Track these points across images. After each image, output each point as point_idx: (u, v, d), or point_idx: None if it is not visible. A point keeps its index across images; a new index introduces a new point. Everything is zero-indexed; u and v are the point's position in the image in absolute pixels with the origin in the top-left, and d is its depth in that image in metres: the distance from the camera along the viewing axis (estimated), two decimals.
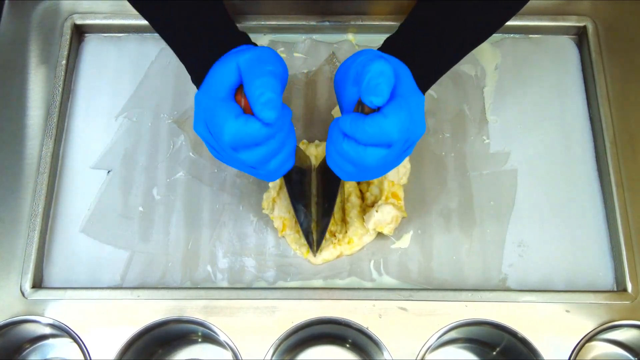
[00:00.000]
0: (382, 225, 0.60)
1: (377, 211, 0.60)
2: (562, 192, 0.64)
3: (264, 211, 0.62)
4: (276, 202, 0.61)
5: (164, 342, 0.61)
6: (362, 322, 0.57)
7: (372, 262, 0.61)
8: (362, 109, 0.45)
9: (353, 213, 0.61)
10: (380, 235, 0.62)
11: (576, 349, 0.56)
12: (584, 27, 0.69)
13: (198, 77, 0.48)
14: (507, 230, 0.62)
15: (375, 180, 0.62)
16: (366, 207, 0.62)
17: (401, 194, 0.62)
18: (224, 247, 0.62)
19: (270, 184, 0.63)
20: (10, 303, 0.59)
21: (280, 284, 0.61)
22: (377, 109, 0.43)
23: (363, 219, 0.61)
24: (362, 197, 0.63)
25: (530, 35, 0.70)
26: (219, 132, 0.43)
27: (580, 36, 0.70)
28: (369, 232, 0.61)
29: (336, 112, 0.66)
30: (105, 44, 0.71)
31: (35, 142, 0.65)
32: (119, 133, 0.66)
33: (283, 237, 0.62)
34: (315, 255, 0.61)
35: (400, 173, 0.63)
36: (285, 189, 0.61)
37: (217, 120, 0.43)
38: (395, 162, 0.47)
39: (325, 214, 0.58)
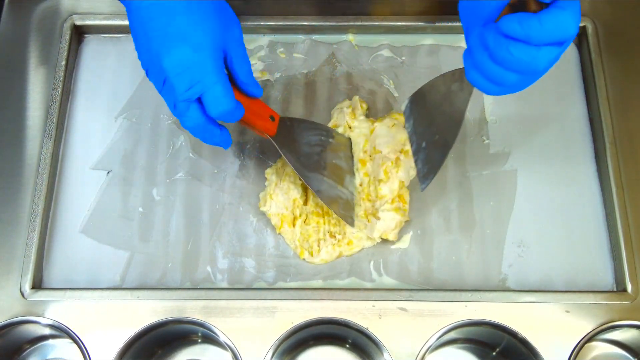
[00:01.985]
0: (387, 232, 0.60)
1: (379, 219, 0.60)
2: (562, 192, 0.64)
3: (261, 209, 0.62)
4: (272, 199, 0.61)
5: (164, 343, 0.61)
6: (361, 323, 0.57)
7: (372, 262, 0.61)
8: (518, 10, 0.42)
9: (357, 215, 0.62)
10: None
11: (576, 349, 0.56)
12: (584, 28, 0.69)
13: None
14: (506, 231, 0.62)
15: (387, 180, 0.62)
16: (374, 210, 0.61)
17: (407, 197, 0.62)
18: (224, 248, 0.62)
19: (267, 182, 0.63)
20: (10, 304, 0.59)
21: (280, 284, 0.61)
22: (544, 5, 0.41)
23: (368, 219, 0.61)
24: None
25: None
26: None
27: (579, 37, 0.70)
28: (371, 240, 0.61)
29: (336, 111, 0.66)
30: (105, 44, 0.71)
31: (34, 143, 0.65)
32: (118, 134, 0.66)
33: (280, 234, 0.62)
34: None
35: (410, 175, 0.62)
36: (281, 185, 0.61)
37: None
38: (552, 65, 0.44)
39: (442, 151, 0.55)
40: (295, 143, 0.59)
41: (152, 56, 0.49)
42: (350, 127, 0.64)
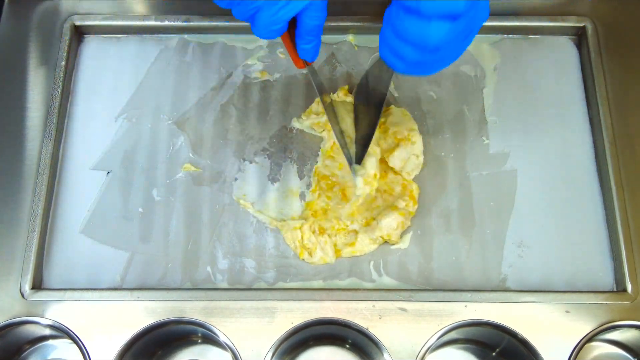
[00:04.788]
0: (390, 233, 0.60)
1: (380, 222, 0.60)
2: (561, 192, 0.64)
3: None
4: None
5: (164, 343, 0.61)
6: (361, 323, 0.57)
7: (372, 262, 0.62)
8: None
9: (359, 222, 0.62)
10: None
11: (576, 350, 0.56)
12: (584, 28, 0.69)
13: None
14: (506, 231, 0.62)
15: (400, 178, 0.62)
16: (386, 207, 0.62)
17: (416, 193, 0.62)
18: (224, 248, 0.62)
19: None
20: (10, 304, 0.59)
21: (280, 284, 0.61)
22: None
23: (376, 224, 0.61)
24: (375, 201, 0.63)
25: (530, 36, 0.70)
26: None
27: (579, 37, 0.70)
28: (374, 242, 0.61)
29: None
30: (105, 45, 0.71)
31: (34, 143, 0.65)
32: (118, 134, 0.66)
33: (277, 227, 0.62)
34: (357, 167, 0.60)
35: (413, 168, 0.63)
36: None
37: None
38: (456, 48, 0.45)
39: (364, 141, 0.57)
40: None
41: None
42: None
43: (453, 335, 0.59)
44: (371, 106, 0.60)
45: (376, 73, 0.59)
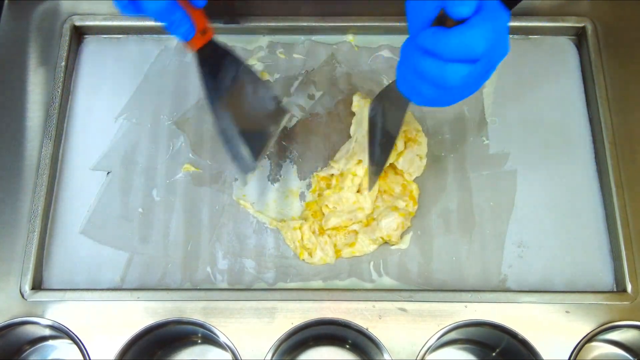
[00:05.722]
0: (390, 233, 0.60)
1: (380, 222, 0.60)
2: (561, 192, 0.64)
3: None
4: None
5: (164, 344, 0.61)
6: (361, 323, 0.57)
7: (372, 263, 0.61)
8: (442, 23, 0.42)
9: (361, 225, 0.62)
10: None
11: (576, 350, 0.57)
12: (583, 28, 0.69)
13: None
14: (506, 231, 0.62)
15: (400, 178, 0.62)
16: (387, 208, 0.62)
17: (416, 193, 0.62)
18: (224, 248, 0.62)
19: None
20: (9, 304, 0.59)
21: (280, 285, 0.61)
22: (461, 22, 0.41)
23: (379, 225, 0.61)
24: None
25: (530, 36, 0.70)
26: None
27: (579, 37, 0.70)
28: (374, 243, 0.61)
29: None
30: (105, 45, 0.71)
31: (34, 144, 0.65)
32: (118, 134, 0.66)
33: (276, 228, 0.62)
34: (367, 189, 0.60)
35: (416, 169, 0.63)
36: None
37: None
38: (475, 85, 0.45)
39: (384, 150, 0.56)
40: (218, 72, 0.56)
41: None
42: None
43: (453, 335, 0.59)
44: (386, 138, 0.57)
45: (394, 97, 0.55)
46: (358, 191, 0.62)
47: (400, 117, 0.55)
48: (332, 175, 0.63)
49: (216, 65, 0.56)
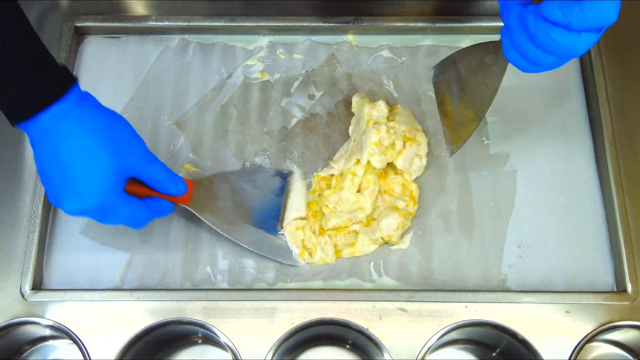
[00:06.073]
0: (391, 233, 0.60)
1: (380, 223, 0.60)
2: (561, 192, 0.64)
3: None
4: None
5: (164, 344, 0.61)
6: (362, 323, 0.57)
7: (372, 263, 0.61)
8: None
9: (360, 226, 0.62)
10: None
11: (576, 350, 0.56)
12: None
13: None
14: (506, 231, 0.62)
15: (400, 178, 0.62)
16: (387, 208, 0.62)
17: (417, 193, 0.62)
18: (224, 249, 0.62)
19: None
20: (10, 305, 0.59)
21: (280, 285, 0.61)
22: None
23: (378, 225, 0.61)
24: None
25: None
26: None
27: None
28: (375, 243, 0.61)
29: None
30: (105, 45, 0.71)
31: None
32: None
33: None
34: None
35: (416, 169, 0.63)
36: None
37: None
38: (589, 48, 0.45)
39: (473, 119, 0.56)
40: (215, 201, 0.60)
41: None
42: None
43: (453, 335, 0.59)
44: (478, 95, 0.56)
45: (476, 62, 0.54)
46: (358, 191, 0.62)
47: (496, 84, 0.53)
48: (332, 175, 0.63)
49: (209, 198, 0.59)
